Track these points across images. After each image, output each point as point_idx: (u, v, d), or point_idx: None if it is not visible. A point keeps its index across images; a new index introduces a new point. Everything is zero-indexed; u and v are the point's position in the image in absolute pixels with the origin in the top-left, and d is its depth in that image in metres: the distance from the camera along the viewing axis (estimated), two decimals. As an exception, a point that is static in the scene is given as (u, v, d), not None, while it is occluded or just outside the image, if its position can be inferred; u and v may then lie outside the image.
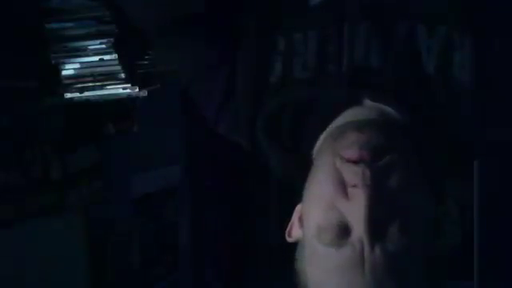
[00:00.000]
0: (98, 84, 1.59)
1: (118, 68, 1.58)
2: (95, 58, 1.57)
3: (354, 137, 0.73)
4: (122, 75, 1.58)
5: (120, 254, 2.10)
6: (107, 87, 1.59)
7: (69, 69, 1.58)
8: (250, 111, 0.84)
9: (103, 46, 1.56)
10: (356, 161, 0.70)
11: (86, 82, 1.59)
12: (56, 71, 1.58)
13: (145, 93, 1.62)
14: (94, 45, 1.56)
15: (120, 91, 1.60)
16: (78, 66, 1.58)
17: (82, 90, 1.59)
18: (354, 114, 0.80)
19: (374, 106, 0.80)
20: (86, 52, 1.57)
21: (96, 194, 1.92)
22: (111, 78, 1.58)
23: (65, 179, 1.80)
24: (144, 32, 0.96)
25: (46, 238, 1.72)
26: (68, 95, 1.59)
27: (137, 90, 1.60)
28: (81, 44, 1.57)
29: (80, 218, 1.87)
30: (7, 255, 1.61)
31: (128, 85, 1.59)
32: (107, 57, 1.57)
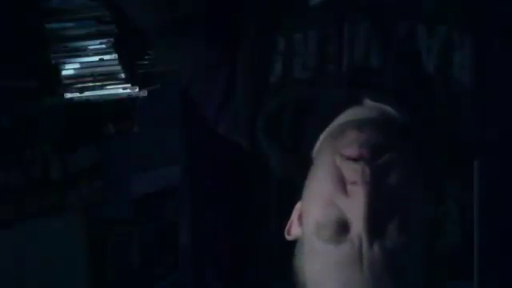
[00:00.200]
0: (98, 84, 1.59)
1: (118, 68, 1.58)
2: (95, 58, 1.57)
3: (354, 135, 0.73)
4: (122, 75, 1.58)
5: (120, 253, 2.10)
6: (107, 87, 1.59)
7: (69, 69, 1.58)
8: (250, 111, 0.84)
9: (103, 45, 1.56)
10: (356, 158, 0.71)
11: (86, 82, 1.59)
12: (56, 71, 1.58)
13: (145, 93, 1.62)
14: (93, 45, 1.56)
15: (120, 91, 1.60)
16: (77, 65, 1.58)
17: (82, 89, 1.59)
18: (354, 113, 0.80)
19: (374, 105, 0.80)
20: (85, 52, 1.57)
21: (96, 193, 1.92)
22: (111, 78, 1.59)
23: (65, 179, 1.80)
24: (144, 32, 0.96)
25: (45, 237, 1.72)
26: (68, 95, 1.59)
27: (137, 90, 1.60)
28: (81, 44, 1.57)
29: (80, 218, 1.87)
30: (7, 255, 1.61)
31: (128, 85, 1.59)
32: (107, 57, 1.57)
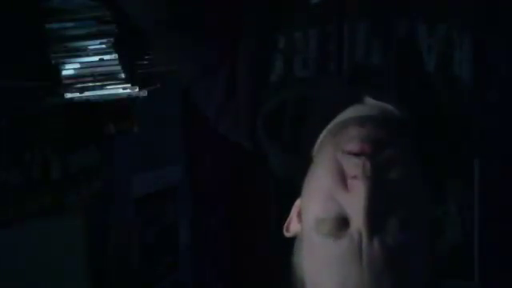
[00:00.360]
0: (98, 84, 1.59)
1: (118, 68, 1.57)
2: (95, 58, 1.57)
3: (356, 131, 0.73)
4: (122, 75, 1.58)
5: (120, 254, 2.09)
6: (107, 87, 1.59)
7: (69, 69, 1.58)
8: (250, 110, 0.84)
9: (103, 45, 1.56)
10: (357, 153, 0.70)
11: (86, 82, 1.58)
12: (56, 71, 1.58)
13: (145, 93, 1.62)
14: (94, 45, 1.56)
15: (120, 91, 1.60)
16: (78, 65, 1.58)
17: (82, 90, 1.59)
18: (355, 111, 0.80)
19: (374, 104, 0.80)
20: (86, 52, 1.57)
21: (96, 194, 1.92)
22: (111, 78, 1.58)
23: (65, 179, 1.79)
24: (144, 32, 0.96)
25: (45, 238, 1.72)
26: (68, 95, 1.59)
27: (137, 90, 1.60)
28: (81, 44, 1.57)
29: (80, 218, 1.86)
30: (7, 255, 1.61)
31: (128, 85, 1.59)
32: (107, 57, 1.56)
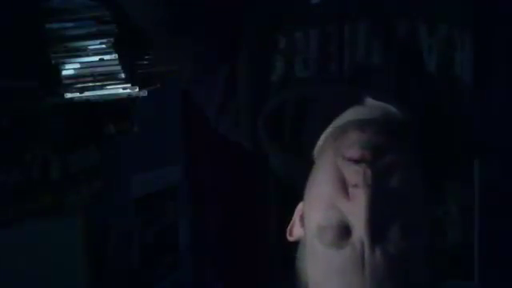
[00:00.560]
0: (98, 84, 1.59)
1: (118, 68, 1.57)
2: (95, 58, 1.57)
3: (356, 136, 0.72)
4: (122, 75, 1.58)
5: (120, 254, 2.09)
6: (107, 87, 1.59)
7: (69, 69, 1.58)
8: (250, 110, 0.84)
9: (103, 45, 1.56)
10: (357, 160, 0.70)
11: (86, 82, 1.58)
12: (56, 71, 1.58)
13: (145, 93, 1.62)
14: (93, 45, 1.56)
15: (120, 91, 1.60)
16: (78, 65, 1.58)
17: (82, 89, 1.59)
18: (356, 113, 0.79)
19: (375, 104, 0.80)
20: (86, 52, 1.57)
21: (96, 194, 1.92)
22: (111, 78, 1.58)
23: (65, 179, 1.79)
24: (144, 32, 0.96)
25: (45, 238, 1.72)
26: (68, 95, 1.59)
27: (137, 89, 1.60)
28: (81, 44, 1.57)
29: (80, 218, 1.86)
30: (7, 255, 1.61)
31: (128, 85, 1.59)
32: (107, 57, 1.56)
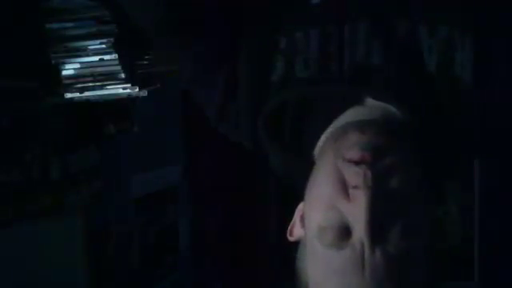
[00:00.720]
0: (98, 84, 1.59)
1: (118, 68, 1.57)
2: (95, 58, 1.57)
3: (356, 137, 0.73)
4: (122, 75, 1.58)
5: (120, 253, 2.09)
6: (107, 87, 1.59)
7: (69, 69, 1.58)
8: (251, 111, 0.84)
9: (103, 45, 1.56)
10: (358, 162, 0.70)
11: (86, 82, 1.58)
12: (56, 71, 1.58)
13: (145, 93, 1.62)
14: (94, 45, 1.56)
15: (120, 91, 1.60)
16: (78, 65, 1.58)
17: (82, 89, 1.59)
18: (356, 113, 0.79)
19: (375, 104, 0.80)
20: (86, 52, 1.57)
21: (96, 194, 1.92)
22: (111, 78, 1.58)
23: (65, 179, 1.79)
24: (144, 32, 0.96)
25: (45, 238, 1.72)
26: (68, 95, 1.59)
27: (137, 90, 1.60)
28: (81, 44, 1.57)
29: (80, 218, 1.86)
30: (7, 255, 1.61)
31: (128, 85, 1.59)
32: (107, 57, 1.56)
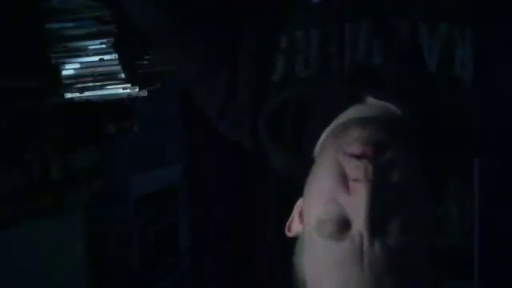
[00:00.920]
0: (98, 84, 1.59)
1: (118, 68, 1.57)
2: (95, 58, 1.57)
3: (357, 133, 0.73)
4: (122, 75, 1.58)
5: (120, 253, 2.10)
6: (107, 87, 1.59)
7: (69, 69, 1.58)
8: (251, 110, 0.84)
9: (103, 45, 1.56)
10: (359, 156, 0.70)
11: (86, 82, 1.58)
12: (56, 71, 1.58)
13: (145, 93, 1.62)
14: (94, 45, 1.56)
15: (120, 91, 1.60)
16: (78, 65, 1.58)
17: (82, 90, 1.59)
18: (356, 111, 0.80)
19: (376, 103, 0.80)
20: (86, 52, 1.57)
21: (96, 194, 1.92)
22: (111, 78, 1.58)
23: (65, 179, 1.79)
24: (144, 32, 0.96)
25: (45, 238, 1.72)
26: (68, 95, 1.59)
27: (137, 90, 1.60)
28: (81, 44, 1.57)
29: (80, 218, 1.87)
30: (7, 255, 1.61)
31: (128, 85, 1.59)
32: (107, 57, 1.56)
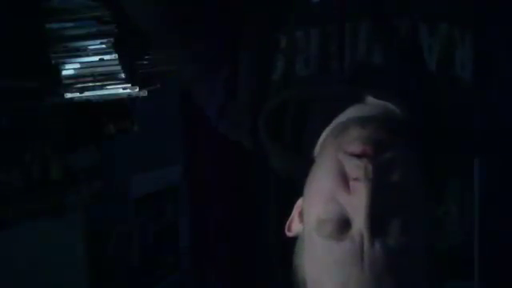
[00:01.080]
0: (98, 84, 1.59)
1: (118, 68, 1.57)
2: (95, 58, 1.57)
3: (357, 132, 0.73)
4: (122, 75, 1.58)
5: (120, 254, 2.10)
6: (107, 87, 1.59)
7: (69, 69, 1.58)
8: (251, 110, 0.84)
9: (103, 45, 1.56)
10: (359, 155, 0.70)
11: (86, 82, 1.58)
12: (56, 71, 1.58)
13: (145, 93, 1.62)
14: (94, 45, 1.56)
15: (120, 91, 1.60)
16: (78, 65, 1.58)
17: (82, 90, 1.59)
18: (356, 110, 0.80)
19: (376, 103, 0.80)
20: (86, 52, 1.57)
21: (96, 194, 1.92)
22: (111, 78, 1.58)
23: (65, 179, 1.79)
24: (144, 32, 0.96)
25: (46, 238, 1.72)
26: (68, 95, 1.59)
27: (137, 89, 1.60)
28: (81, 44, 1.57)
29: (80, 218, 1.87)
30: (7, 255, 1.61)
31: (128, 85, 1.59)
32: (107, 57, 1.57)
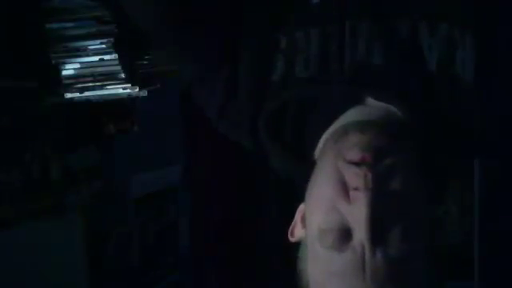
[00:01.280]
0: (98, 84, 1.59)
1: (118, 68, 1.58)
2: (95, 58, 1.57)
3: (356, 138, 0.72)
4: (122, 75, 1.58)
5: (120, 253, 2.09)
6: (107, 87, 1.59)
7: (69, 69, 1.58)
8: (251, 111, 0.84)
9: (103, 45, 1.56)
10: (358, 162, 0.70)
11: (86, 82, 1.59)
12: (56, 71, 1.58)
13: (145, 93, 1.62)
14: (94, 45, 1.56)
15: (120, 91, 1.60)
16: (78, 65, 1.58)
17: (82, 90, 1.59)
18: (357, 113, 0.79)
19: (376, 104, 0.80)
20: (86, 52, 1.57)
21: (96, 194, 1.92)
22: (111, 78, 1.59)
23: (65, 179, 1.79)
24: (144, 32, 0.96)
25: (45, 238, 1.72)
26: (68, 95, 1.59)
27: (137, 89, 1.60)
28: (81, 44, 1.57)
29: (80, 218, 1.86)
30: (7, 255, 1.61)
31: (128, 85, 1.59)
32: (107, 57, 1.57)
